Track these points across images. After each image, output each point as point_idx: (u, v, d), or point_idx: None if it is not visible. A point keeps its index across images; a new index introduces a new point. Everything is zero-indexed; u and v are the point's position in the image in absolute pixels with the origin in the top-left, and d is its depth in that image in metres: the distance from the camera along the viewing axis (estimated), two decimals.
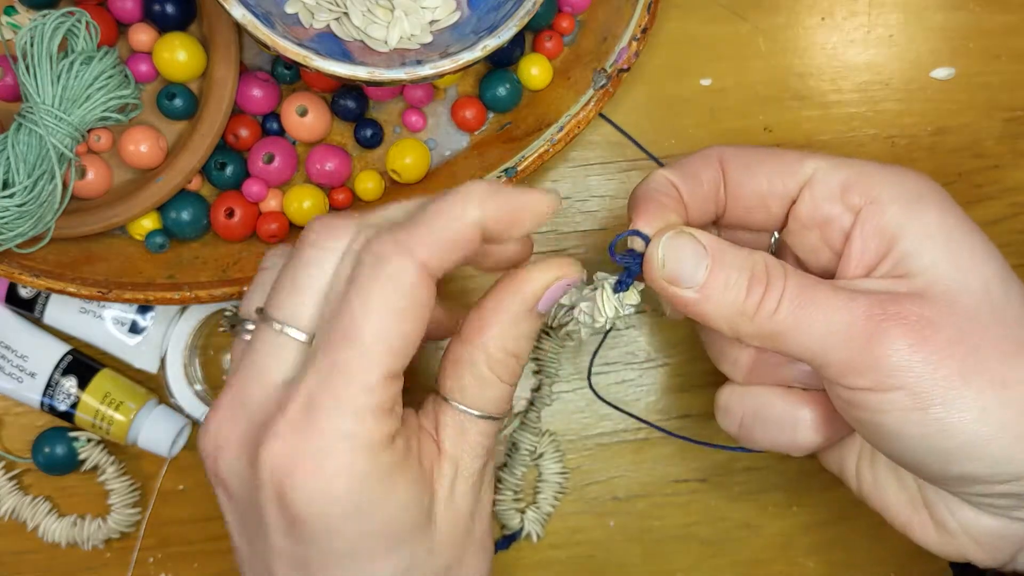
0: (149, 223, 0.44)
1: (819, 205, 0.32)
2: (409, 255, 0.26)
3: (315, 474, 0.25)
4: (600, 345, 0.45)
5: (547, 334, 0.45)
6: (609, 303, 0.31)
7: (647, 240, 0.31)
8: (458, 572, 0.29)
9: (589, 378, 0.43)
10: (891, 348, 0.28)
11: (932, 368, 0.28)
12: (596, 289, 0.32)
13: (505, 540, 0.47)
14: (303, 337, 0.27)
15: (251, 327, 0.29)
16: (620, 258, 0.32)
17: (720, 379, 0.48)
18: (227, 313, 0.31)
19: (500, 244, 0.30)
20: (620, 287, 0.31)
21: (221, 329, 0.31)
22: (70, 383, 0.45)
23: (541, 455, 0.47)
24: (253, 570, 0.29)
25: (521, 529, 0.47)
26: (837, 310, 0.28)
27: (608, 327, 0.32)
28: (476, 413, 0.29)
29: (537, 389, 0.47)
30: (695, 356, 0.48)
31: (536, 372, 0.47)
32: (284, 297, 0.28)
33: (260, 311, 0.28)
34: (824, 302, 0.29)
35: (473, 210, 0.27)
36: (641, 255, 0.31)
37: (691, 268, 0.30)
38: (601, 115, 0.47)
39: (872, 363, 0.28)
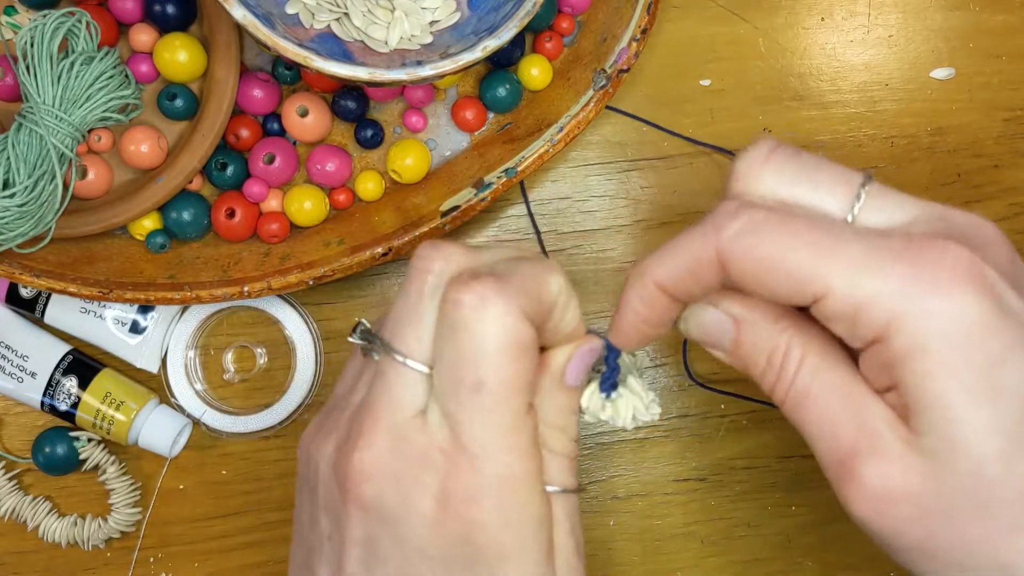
0: (150, 223, 0.44)
1: (829, 323, 0.28)
2: (510, 298, 0.28)
3: (497, 509, 0.27)
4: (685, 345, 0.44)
5: None
6: (626, 408, 0.32)
7: (615, 354, 0.31)
8: None
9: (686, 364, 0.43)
10: (851, 503, 0.27)
11: (890, 540, 0.27)
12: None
13: None
14: (425, 370, 0.28)
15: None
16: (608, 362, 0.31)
17: (719, 378, 0.49)
18: (362, 328, 0.31)
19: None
20: (605, 387, 0.31)
21: (351, 339, 0.31)
22: (71, 383, 0.45)
23: None
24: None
25: None
26: (830, 425, 0.28)
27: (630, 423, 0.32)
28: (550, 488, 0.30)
29: None
30: (694, 356, 0.49)
31: None
32: (403, 327, 0.29)
33: (381, 340, 0.29)
34: (821, 411, 0.28)
35: (558, 279, 0.29)
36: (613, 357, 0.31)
37: (717, 336, 0.30)
38: (609, 107, 0.47)
39: (840, 498, 0.28)
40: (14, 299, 0.45)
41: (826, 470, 0.28)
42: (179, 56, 0.42)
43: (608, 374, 0.31)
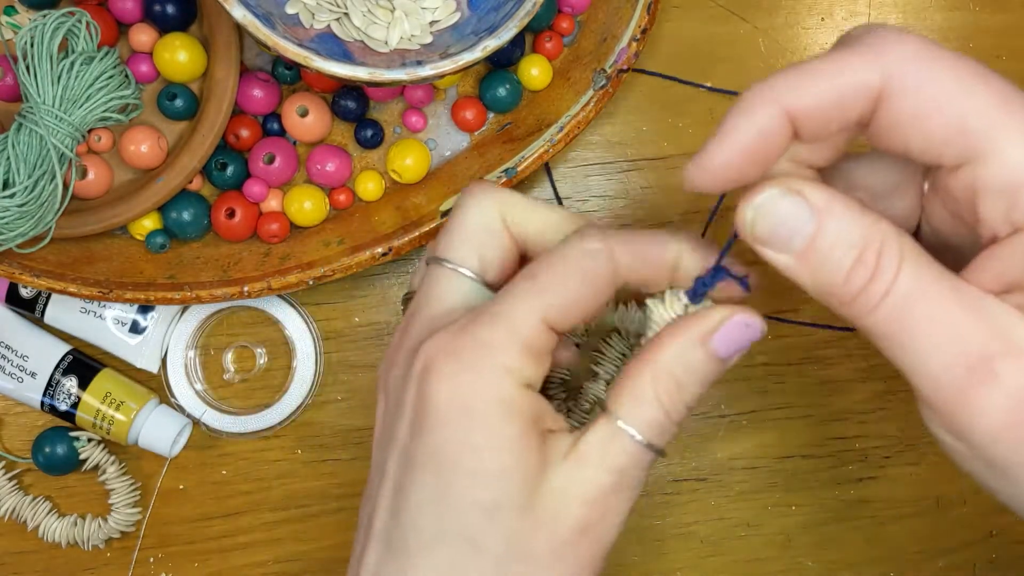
0: (150, 223, 0.44)
1: (975, 194, 0.24)
2: (604, 240, 0.29)
3: (453, 370, 0.27)
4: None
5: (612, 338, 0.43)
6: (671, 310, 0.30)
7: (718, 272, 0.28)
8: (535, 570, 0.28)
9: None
10: (981, 415, 0.24)
11: (1013, 457, 0.24)
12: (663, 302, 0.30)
13: None
14: (469, 273, 0.30)
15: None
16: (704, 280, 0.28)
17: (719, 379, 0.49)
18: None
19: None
20: (696, 293, 0.29)
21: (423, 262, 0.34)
22: (71, 383, 0.45)
23: None
24: (376, 468, 0.30)
25: None
26: (953, 329, 0.23)
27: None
28: (622, 424, 0.28)
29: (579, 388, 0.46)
30: None
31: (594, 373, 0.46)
32: (451, 240, 0.31)
33: (431, 258, 0.31)
34: (938, 314, 0.24)
35: (673, 246, 0.29)
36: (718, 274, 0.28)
37: (787, 233, 0.25)
38: (635, 70, 0.47)
39: (959, 428, 0.24)
40: (14, 299, 0.45)
41: (938, 380, 0.24)
42: (179, 56, 0.42)
43: (707, 280, 0.28)
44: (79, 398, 0.45)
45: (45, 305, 0.45)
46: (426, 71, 0.37)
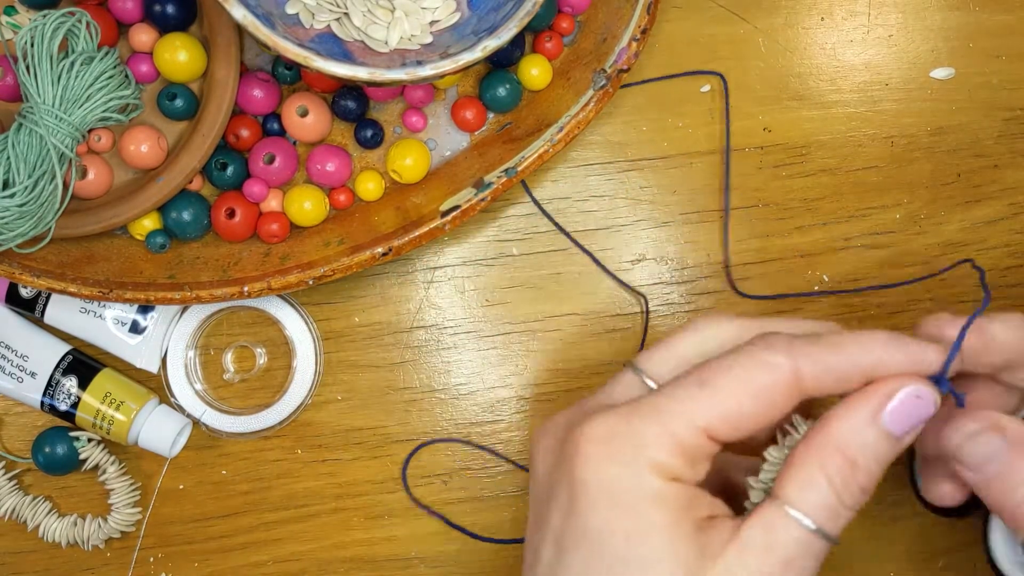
0: (150, 223, 0.44)
1: None
2: (790, 355, 0.27)
3: (601, 457, 0.27)
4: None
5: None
6: None
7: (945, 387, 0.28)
8: None
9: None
10: None
11: None
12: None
13: None
14: (653, 385, 0.31)
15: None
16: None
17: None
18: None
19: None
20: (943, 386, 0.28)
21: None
22: (71, 383, 0.45)
23: None
24: (530, 549, 0.30)
25: None
26: None
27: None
28: (789, 509, 0.27)
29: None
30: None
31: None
32: (655, 355, 0.31)
33: (628, 363, 0.32)
34: None
35: (878, 353, 0.28)
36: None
37: (982, 460, 0.29)
38: (623, 86, 0.47)
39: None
40: (14, 299, 0.45)
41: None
42: (179, 56, 0.42)
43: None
44: (79, 398, 0.45)
45: (45, 305, 0.45)
46: (426, 71, 0.37)
